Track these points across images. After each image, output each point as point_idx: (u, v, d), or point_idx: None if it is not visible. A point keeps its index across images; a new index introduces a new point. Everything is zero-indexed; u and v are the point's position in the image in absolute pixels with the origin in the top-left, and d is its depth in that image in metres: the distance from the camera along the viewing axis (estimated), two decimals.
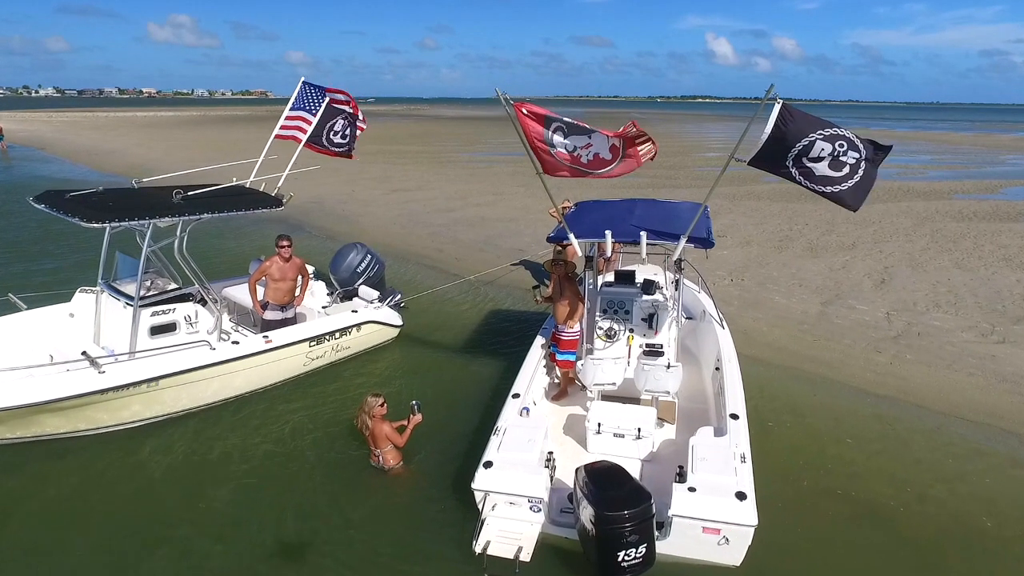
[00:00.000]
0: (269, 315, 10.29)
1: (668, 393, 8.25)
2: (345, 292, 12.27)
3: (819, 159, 6.05)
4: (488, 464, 6.75)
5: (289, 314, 10.47)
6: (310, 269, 12.62)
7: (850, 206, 6.30)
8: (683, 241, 7.58)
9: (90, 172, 36.44)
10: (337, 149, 11.00)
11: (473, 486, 6.67)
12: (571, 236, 7.83)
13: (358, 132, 11.10)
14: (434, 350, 11.72)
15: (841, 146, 6.02)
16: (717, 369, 9.34)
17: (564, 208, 14.68)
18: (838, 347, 11.74)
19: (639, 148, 6.94)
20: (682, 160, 42.30)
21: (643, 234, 7.50)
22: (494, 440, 7.10)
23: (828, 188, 6.15)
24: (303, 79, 11.11)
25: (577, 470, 6.33)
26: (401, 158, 41.88)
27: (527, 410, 7.91)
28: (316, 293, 12.33)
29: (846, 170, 6.11)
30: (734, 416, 7.50)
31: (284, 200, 10.31)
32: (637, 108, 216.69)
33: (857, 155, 6.07)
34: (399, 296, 12.92)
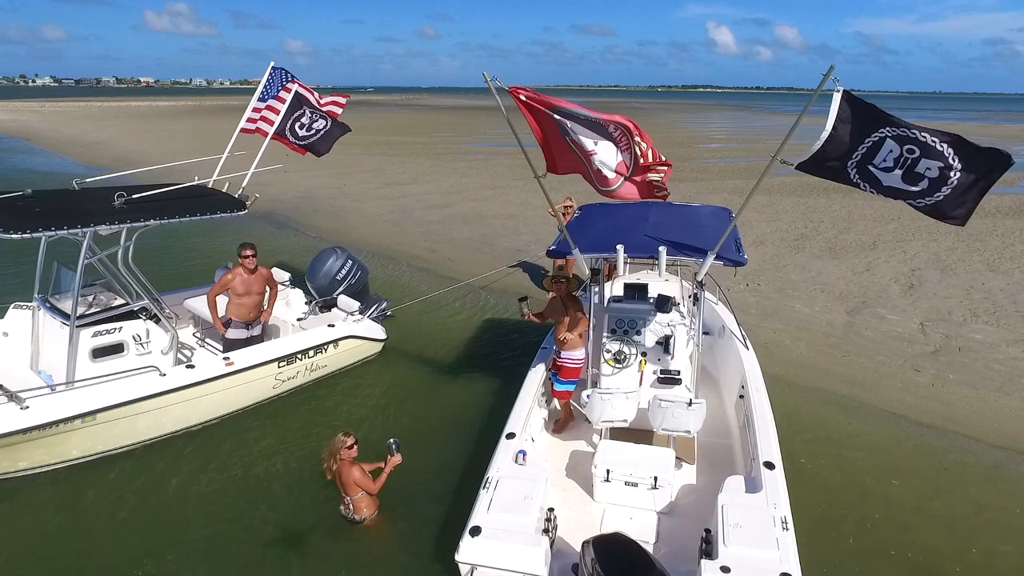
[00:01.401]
0: (232, 333, 9.07)
1: (688, 431, 7.07)
2: (324, 302, 11.07)
3: (888, 168, 4.79)
4: (475, 531, 5.56)
5: (255, 331, 9.26)
6: (285, 276, 11.47)
7: (946, 220, 5.03)
8: (710, 259, 6.38)
9: (74, 164, 35.21)
10: (299, 143, 9.75)
11: (457, 558, 5.48)
12: (575, 251, 6.62)
13: (333, 122, 9.79)
14: (421, 368, 10.52)
15: (911, 151, 4.72)
16: (741, 397, 8.17)
17: (566, 207, 13.48)
18: (870, 364, 10.55)
19: (648, 176, 5.65)
20: (686, 152, 41.00)
21: (662, 249, 6.29)
22: (483, 497, 5.91)
23: (904, 201, 4.93)
24: (272, 63, 9.87)
25: (585, 545, 5.12)
26: (396, 149, 40.56)
27: (523, 454, 6.69)
28: (292, 303, 11.17)
29: (923, 184, 4.81)
30: (769, 465, 6.30)
31: (248, 202, 9.09)
32: (638, 98, 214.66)
33: (940, 164, 4.74)
34: (385, 304, 11.73)
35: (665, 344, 7.87)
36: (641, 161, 5.48)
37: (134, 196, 8.14)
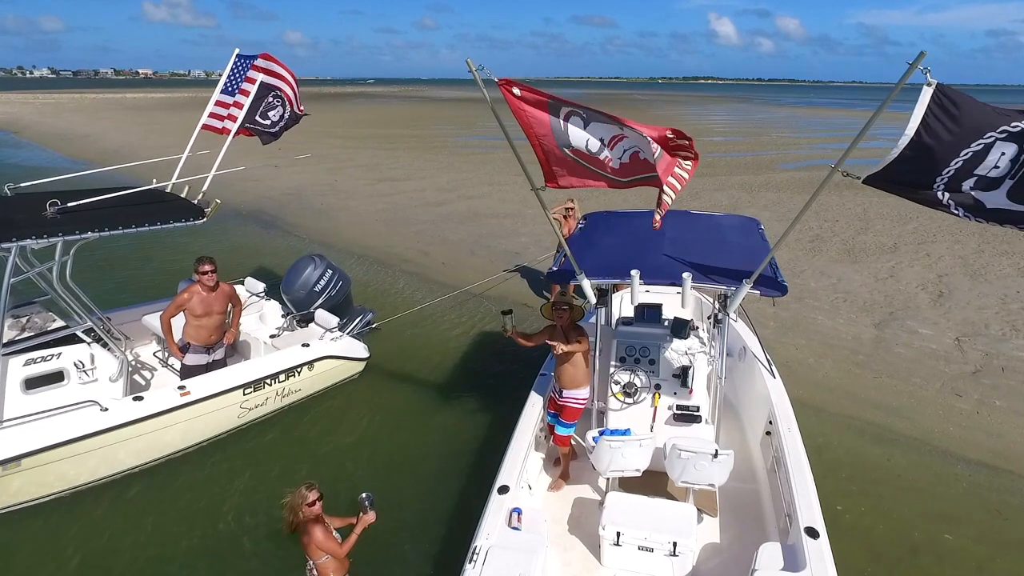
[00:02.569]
0: (191, 359, 8.00)
1: (712, 485, 6.04)
2: (302, 316, 10.02)
3: (995, 180, 3.70)
4: None
5: (218, 355, 8.20)
6: (260, 287, 10.45)
7: None
8: (745, 288, 5.34)
9: (60, 159, 34.23)
10: (262, 129, 8.69)
11: None
12: (581, 277, 5.56)
13: (290, 112, 8.69)
14: (407, 390, 9.49)
15: None
16: (768, 433, 7.14)
17: (567, 211, 12.40)
18: (906, 388, 9.51)
19: (679, 159, 4.60)
20: None
21: (686, 276, 5.24)
22: (470, 573, 4.89)
23: (1017, 227, 3.86)
24: (237, 51, 8.79)
25: None
26: (392, 143, 39.44)
27: (518, 513, 5.66)
28: (267, 317, 10.13)
29: None
30: (811, 532, 5.25)
31: (207, 209, 8.02)
32: (639, 89, 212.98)
33: None
34: (371, 316, 10.68)
35: (682, 375, 6.82)
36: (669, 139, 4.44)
37: (70, 204, 7.06)
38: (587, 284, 5.69)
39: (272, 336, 9.66)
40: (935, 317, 11.86)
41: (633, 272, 5.34)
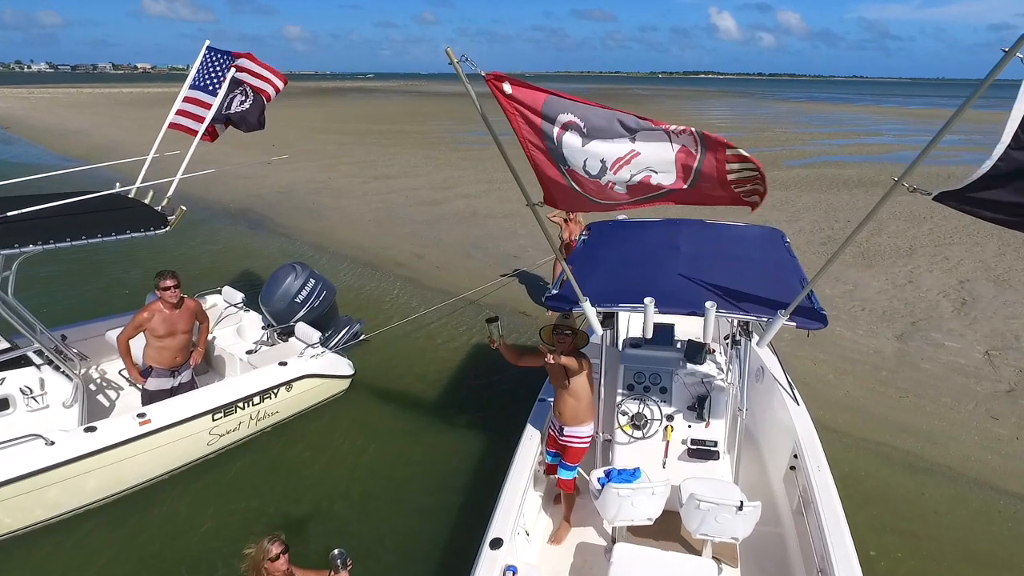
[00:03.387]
0: (154, 384, 7.23)
1: (735, 539, 5.30)
2: (283, 329, 9.29)
3: None
4: None
5: (184, 377, 7.44)
6: (238, 297, 9.74)
7: None
8: (780, 321, 4.60)
9: (48, 155, 33.56)
10: (224, 116, 7.95)
11: None
12: (584, 304, 4.80)
13: (264, 99, 7.90)
14: (395, 413, 8.73)
15: None
16: (792, 468, 6.41)
17: (569, 218, 11.62)
18: (936, 409, 8.76)
19: (728, 170, 3.86)
20: None
21: (710, 307, 4.49)
22: None
23: None
24: (207, 43, 8.03)
25: None
26: (389, 139, 38.61)
27: (513, 572, 4.93)
28: (246, 331, 9.43)
29: None
30: None
31: (171, 217, 7.26)
32: (639, 84, 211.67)
33: None
34: (358, 327, 9.97)
35: (698, 406, 6.07)
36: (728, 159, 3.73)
37: (11, 213, 6.29)
38: (592, 312, 4.93)
39: (249, 352, 8.94)
40: (961, 328, 11.11)
41: (647, 300, 4.58)
